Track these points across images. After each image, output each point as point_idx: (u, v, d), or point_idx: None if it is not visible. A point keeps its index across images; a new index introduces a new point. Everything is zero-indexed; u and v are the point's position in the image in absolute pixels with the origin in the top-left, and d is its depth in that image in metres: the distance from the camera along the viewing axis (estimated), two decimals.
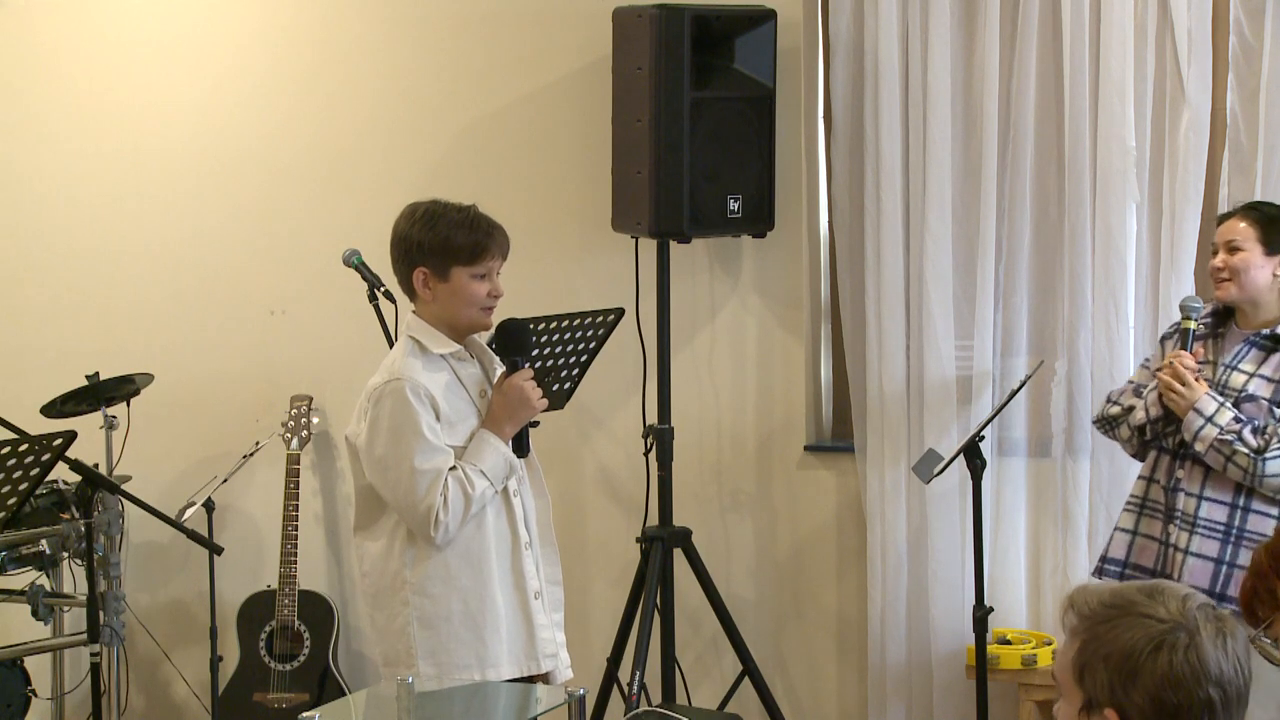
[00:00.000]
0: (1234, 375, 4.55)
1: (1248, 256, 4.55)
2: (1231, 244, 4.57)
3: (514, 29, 5.92)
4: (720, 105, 5.37)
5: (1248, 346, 4.58)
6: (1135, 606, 2.23)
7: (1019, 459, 5.46)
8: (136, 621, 6.22)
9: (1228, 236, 4.60)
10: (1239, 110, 5.14)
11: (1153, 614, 2.22)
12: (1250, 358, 4.56)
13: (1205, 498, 4.54)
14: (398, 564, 4.19)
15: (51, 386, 5.85)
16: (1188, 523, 4.54)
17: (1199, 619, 2.22)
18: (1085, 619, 2.26)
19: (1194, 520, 4.53)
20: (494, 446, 4.17)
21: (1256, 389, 4.51)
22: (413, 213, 4.22)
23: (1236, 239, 4.57)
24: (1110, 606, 2.25)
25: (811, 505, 5.78)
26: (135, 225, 6.32)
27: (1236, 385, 4.53)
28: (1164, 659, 2.20)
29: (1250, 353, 4.57)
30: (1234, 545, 4.50)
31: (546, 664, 4.31)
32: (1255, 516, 4.51)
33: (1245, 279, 4.56)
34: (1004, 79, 5.32)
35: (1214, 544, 4.52)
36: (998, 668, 5.25)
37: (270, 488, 6.13)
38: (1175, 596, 2.24)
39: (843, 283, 5.58)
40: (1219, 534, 4.52)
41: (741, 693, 5.56)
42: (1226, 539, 4.51)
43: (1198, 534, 4.53)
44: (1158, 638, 2.21)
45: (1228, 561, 4.50)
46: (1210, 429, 4.46)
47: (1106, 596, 2.26)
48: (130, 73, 6.31)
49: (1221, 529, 4.52)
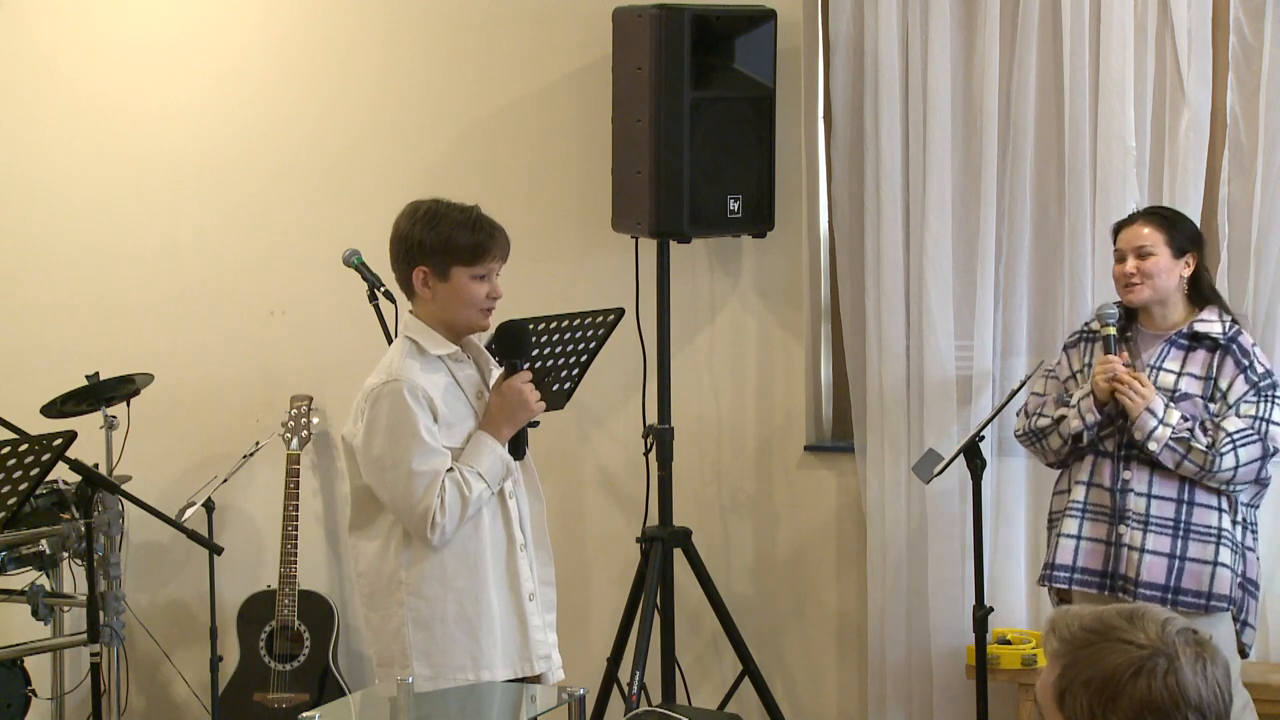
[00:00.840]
0: (1162, 375, 4.70)
1: (1158, 260, 4.69)
2: (1141, 249, 4.71)
3: (514, 29, 5.92)
4: (720, 105, 5.37)
5: (1168, 346, 4.73)
6: (1115, 631, 2.25)
7: (1019, 459, 5.45)
8: (136, 621, 6.22)
9: (1135, 242, 4.73)
10: (1239, 110, 5.14)
11: (1133, 639, 2.24)
12: (1172, 357, 4.71)
13: (1154, 495, 4.69)
14: (393, 564, 4.19)
15: (51, 386, 5.85)
16: (1140, 521, 4.68)
17: (1178, 644, 2.23)
18: (1066, 643, 2.27)
19: (1146, 518, 4.67)
20: (491, 448, 4.16)
21: (1188, 387, 4.68)
22: (414, 211, 4.21)
23: (1145, 244, 4.71)
24: (1091, 631, 2.26)
25: (811, 505, 5.78)
26: (135, 225, 6.32)
27: (1167, 385, 4.68)
28: (1143, 684, 2.21)
29: (1171, 352, 4.72)
30: (1184, 539, 4.66)
31: (540, 665, 4.30)
32: (1200, 510, 4.68)
33: (1158, 282, 4.71)
34: (1004, 79, 5.32)
35: (1166, 539, 4.67)
36: (998, 668, 5.26)
37: (270, 488, 6.13)
38: (1155, 621, 2.26)
39: (843, 283, 5.58)
40: (1169, 530, 4.67)
41: (741, 693, 5.56)
42: (1176, 534, 4.67)
43: (1151, 532, 4.67)
44: (1137, 663, 2.22)
45: (1180, 555, 4.66)
46: (1164, 429, 4.61)
47: (1087, 621, 2.28)
48: (130, 73, 6.31)
49: (1171, 524, 4.67)
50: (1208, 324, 4.71)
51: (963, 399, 5.46)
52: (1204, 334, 4.69)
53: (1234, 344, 4.69)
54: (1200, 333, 4.70)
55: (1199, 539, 4.64)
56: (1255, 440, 4.60)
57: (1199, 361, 4.69)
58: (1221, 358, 4.67)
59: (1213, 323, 4.71)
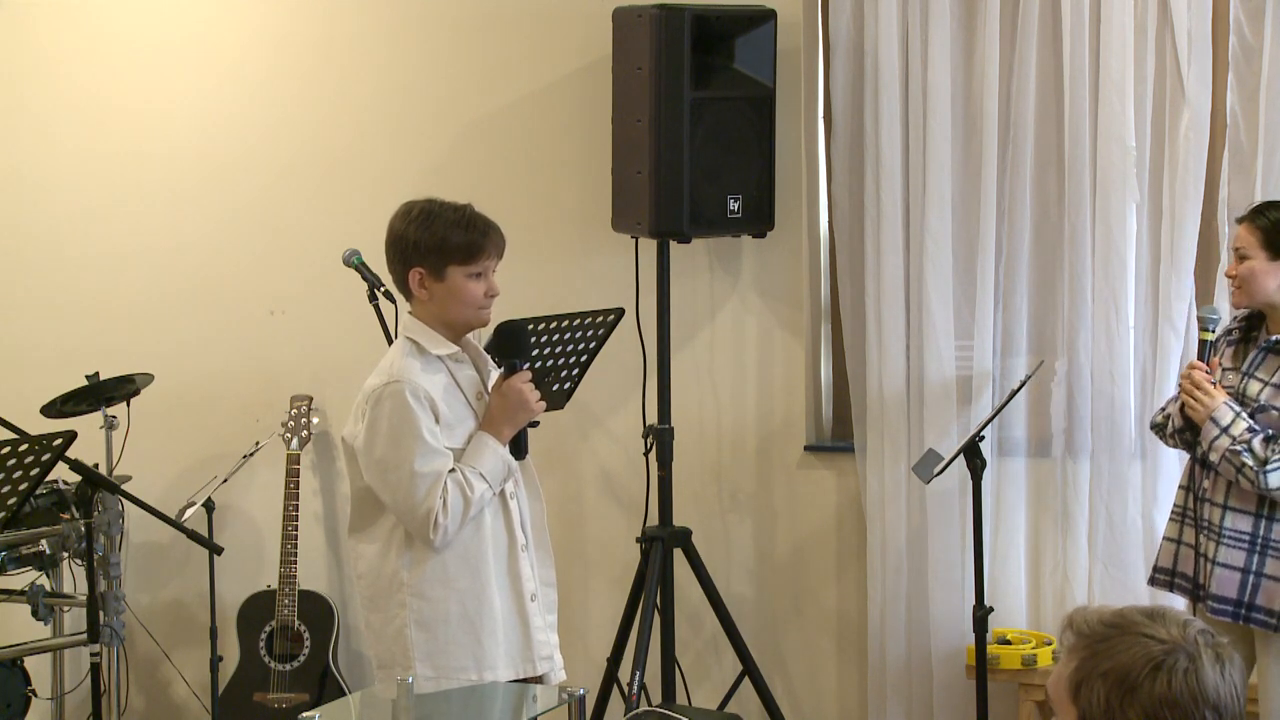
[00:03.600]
0: (1251, 383, 4.51)
1: (1253, 264, 4.49)
2: (1240, 251, 4.53)
3: (514, 29, 5.92)
4: (720, 105, 5.37)
5: (1263, 353, 4.53)
6: (1136, 626, 2.25)
7: (1019, 459, 5.45)
8: (136, 621, 6.22)
9: (1237, 244, 4.55)
10: (1239, 110, 5.13)
11: (1153, 634, 2.23)
12: (1265, 365, 4.52)
13: (1229, 507, 4.49)
14: (395, 566, 4.18)
15: (51, 386, 5.84)
16: (1214, 533, 4.51)
17: (1200, 643, 2.23)
18: (1084, 637, 2.27)
19: (1219, 530, 4.50)
20: (492, 449, 4.16)
21: (1268, 398, 4.47)
22: (408, 212, 4.21)
23: (1242, 246, 4.52)
24: (1110, 626, 2.26)
25: (811, 505, 5.78)
26: (135, 225, 6.32)
27: (1253, 394, 4.49)
28: (1163, 680, 2.20)
29: (1264, 359, 4.52)
30: (1260, 555, 4.46)
31: (542, 666, 4.30)
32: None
33: (1253, 286, 4.50)
34: (1004, 79, 5.32)
35: (1240, 554, 4.47)
36: (998, 668, 5.25)
37: (270, 488, 6.12)
38: (1176, 621, 2.25)
39: (843, 283, 5.58)
40: (1245, 544, 4.48)
41: (741, 693, 5.56)
42: (1253, 549, 4.47)
43: (1224, 544, 4.49)
44: (1157, 658, 2.21)
45: (1254, 571, 4.46)
46: (1224, 439, 4.43)
47: (1107, 616, 2.28)
48: (130, 72, 6.31)
49: (1247, 539, 4.48)
50: None
51: (963, 399, 5.45)
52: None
53: None
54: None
55: (1276, 556, 4.44)
56: None
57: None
58: None
59: None
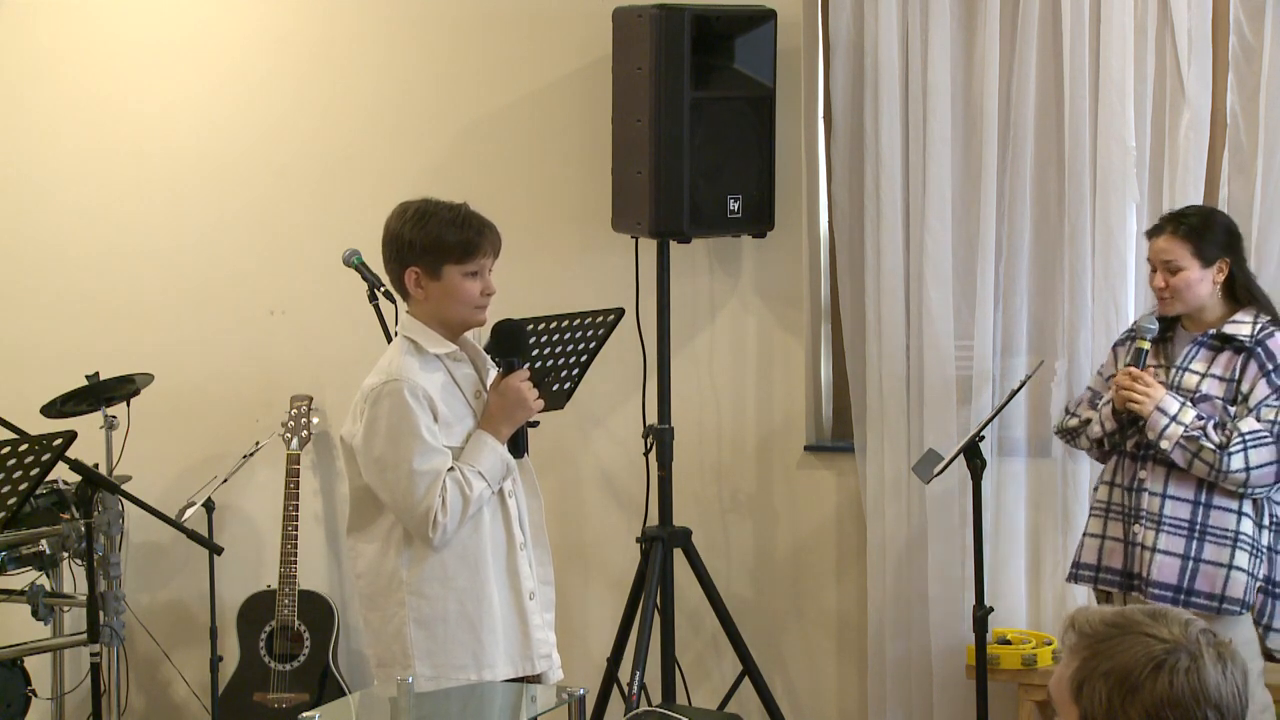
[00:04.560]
0: (1186, 376, 4.65)
1: (1187, 274, 4.62)
2: (1169, 265, 4.63)
3: (514, 29, 5.92)
4: (720, 105, 5.37)
5: (1196, 347, 4.67)
6: (1138, 626, 2.25)
7: (1019, 459, 5.46)
8: (136, 621, 6.22)
9: (1164, 257, 4.65)
10: (1239, 110, 5.14)
11: (1155, 634, 2.24)
12: (1200, 358, 4.66)
13: (1169, 496, 4.63)
14: (394, 565, 4.18)
15: (51, 386, 5.85)
16: (1153, 521, 4.63)
17: (1201, 643, 2.24)
18: (1086, 636, 2.27)
19: (1159, 518, 4.63)
20: (491, 447, 4.16)
21: (1209, 389, 4.62)
22: (404, 211, 4.21)
23: (1172, 259, 4.62)
24: (1112, 625, 2.27)
25: (811, 505, 5.78)
26: (135, 225, 6.33)
27: (1190, 386, 4.63)
28: (1165, 679, 2.21)
29: (1199, 353, 4.66)
30: (1199, 541, 4.60)
31: (541, 664, 4.30)
32: (1217, 512, 4.61)
33: (1189, 295, 4.64)
34: (1004, 79, 5.32)
35: (1180, 540, 4.61)
36: (998, 668, 5.25)
37: (270, 488, 6.12)
38: (1178, 621, 2.26)
39: (843, 283, 5.58)
40: (1184, 531, 4.61)
41: (741, 693, 5.56)
42: (1191, 535, 4.61)
43: (1164, 532, 4.62)
44: (1159, 657, 2.22)
45: (1194, 557, 4.60)
46: (1175, 427, 4.55)
47: (1109, 616, 2.29)
48: (130, 73, 6.32)
49: (1186, 525, 4.61)
50: (1237, 326, 4.63)
51: (963, 399, 5.45)
52: (1232, 336, 4.62)
53: (1260, 347, 4.59)
54: (1229, 334, 4.63)
55: (1215, 541, 4.59)
56: (1270, 443, 4.52)
57: (1224, 363, 4.62)
58: (1246, 360, 4.59)
59: (1243, 324, 4.63)
